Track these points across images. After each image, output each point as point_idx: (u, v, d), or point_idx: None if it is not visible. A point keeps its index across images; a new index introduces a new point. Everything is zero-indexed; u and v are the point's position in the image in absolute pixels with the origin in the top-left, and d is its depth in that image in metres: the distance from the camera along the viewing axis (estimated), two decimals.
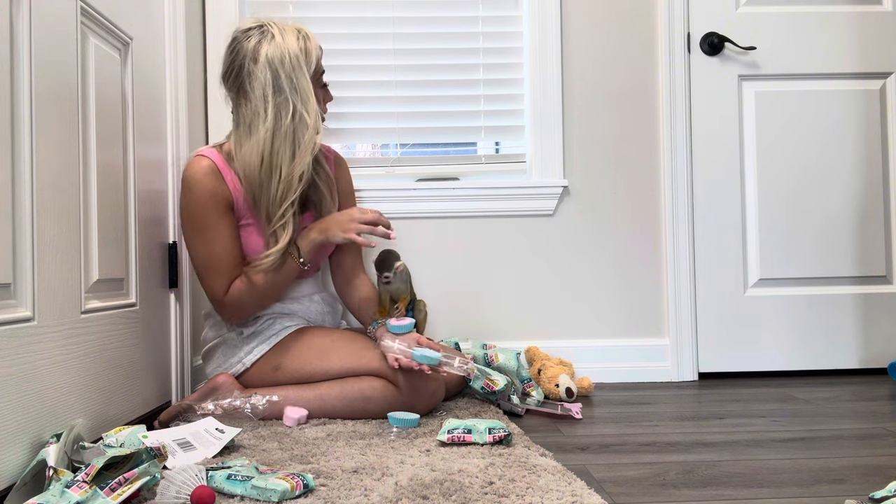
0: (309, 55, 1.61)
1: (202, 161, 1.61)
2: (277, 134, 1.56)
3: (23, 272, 1.11)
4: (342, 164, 1.88)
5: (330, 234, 1.59)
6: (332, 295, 1.88)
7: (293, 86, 1.57)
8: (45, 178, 1.16)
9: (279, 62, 1.57)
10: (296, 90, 1.57)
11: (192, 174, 1.60)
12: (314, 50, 1.63)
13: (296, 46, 1.59)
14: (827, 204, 2.21)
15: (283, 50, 1.57)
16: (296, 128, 1.57)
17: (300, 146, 1.58)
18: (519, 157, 2.24)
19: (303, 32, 1.63)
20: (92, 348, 1.33)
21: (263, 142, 1.56)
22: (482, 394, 1.75)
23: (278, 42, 1.58)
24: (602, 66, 2.20)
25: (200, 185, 1.59)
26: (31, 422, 1.11)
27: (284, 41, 1.59)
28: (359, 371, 1.58)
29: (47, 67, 1.18)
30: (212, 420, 1.38)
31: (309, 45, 1.62)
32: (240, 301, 1.61)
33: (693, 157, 2.19)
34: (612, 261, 2.19)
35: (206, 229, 1.59)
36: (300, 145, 1.58)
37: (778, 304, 2.19)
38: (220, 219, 1.60)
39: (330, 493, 1.05)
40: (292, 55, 1.58)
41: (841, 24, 2.21)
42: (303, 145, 1.58)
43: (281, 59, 1.57)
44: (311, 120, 1.58)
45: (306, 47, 1.61)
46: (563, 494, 1.02)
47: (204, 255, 1.60)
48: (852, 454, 1.31)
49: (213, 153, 1.63)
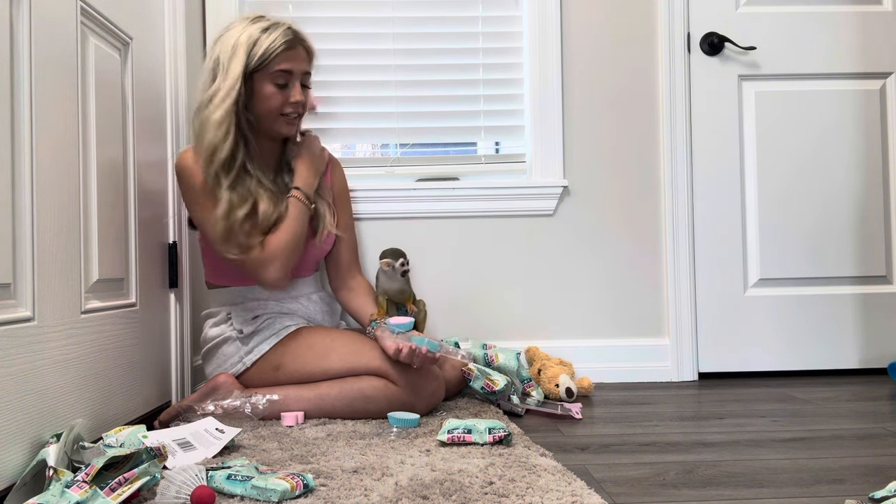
0: (256, 46, 1.60)
1: (187, 152, 1.65)
2: (201, 104, 1.62)
3: (23, 272, 1.11)
4: (336, 165, 1.89)
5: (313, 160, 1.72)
6: (331, 294, 1.88)
7: (222, 66, 1.60)
8: (45, 178, 1.17)
9: (223, 44, 1.62)
10: (222, 72, 1.60)
11: (182, 162, 1.64)
12: (267, 44, 1.60)
13: (246, 35, 1.60)
14: (827, 204, 2.21)
15: (232, 37, 1.61)
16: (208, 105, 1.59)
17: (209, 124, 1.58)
18: (519, 157, 2.24)
19: (272, 27, 1.62)
20: (92, 348, 1.33)
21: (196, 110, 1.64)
22: (482, 394, 1.75)
23: (236, 30, 1.62)
24: (602, 66, 2.20)
25: (187, 172, 1.62)
26: (31, 422, 1.11)
27: (242, 30, 1.62)
28: (359, 370, 1.58)
29: (47, 67, 1.19)
30: (212, 420, 1.38)
31: (263, 37, 1.60)
32: (277, 251, 1.60)
33: (693, 157, 2.19)
34: (612, 261, 2.19)
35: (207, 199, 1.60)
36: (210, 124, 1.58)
37: (778, 304, 2.19)
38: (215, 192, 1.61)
39: (330, 493, 1.05)
40: (237, 42, 1.60)
41: (841, 24, 2.21)
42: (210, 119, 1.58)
43: (227, 43, 1.61)
44: (218, 101, 1.58)
45: (258, 39, 1.60)
46: (563, 494, 1.02)
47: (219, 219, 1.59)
48: (852, 454, 1.31)
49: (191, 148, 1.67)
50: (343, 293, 1.80)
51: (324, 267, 1.90)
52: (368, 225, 2.14)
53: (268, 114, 1.64)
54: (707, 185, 2.19)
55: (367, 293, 1.76)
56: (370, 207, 2.13)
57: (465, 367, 1.76)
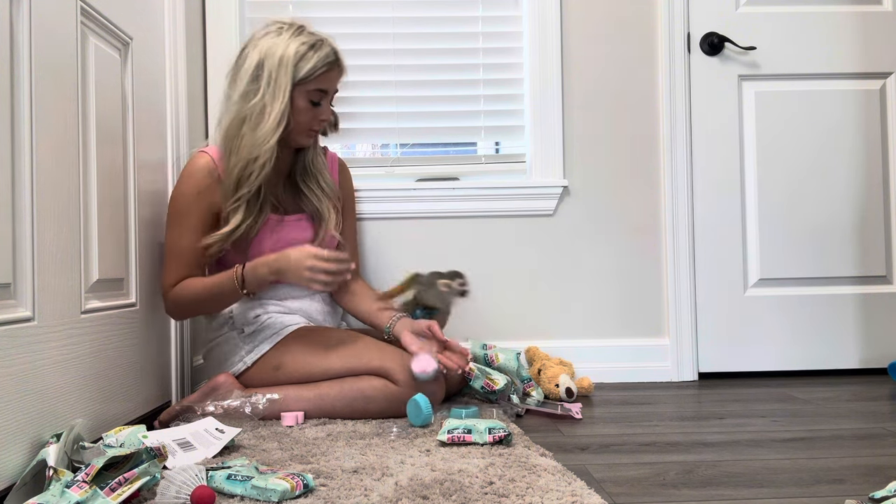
0: (303, 61, 1.60)
1: (202, 158, 1.64)
2: (240, 114, 1.59)
3: (23, 272, 1.11)
4: (344, 169, 1.90)
5: (285, 278, 1.54)
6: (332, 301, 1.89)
7: (270, 80, 1.59)
8: (45, 178, 1.17)
9: (269, 55, 1.60)
10: (269, 85, 1.59)
11: (188, 169, 1.64)
12: (314, 61, 1.60)
13: (293, 49, 1.59)
14: (827, 204, 2.21)
15: (279, 47, 1.59)
16: (257, 116, 1.59)
17: (257, 132, 1.58)
18: (519, 157, 2.24)
19: (315, 42, 1.62)
20: (92, 348, 1.33)
21: (231, 116, 1.61)
22: (482, 393, 1.75)
23: (281, 39, 1.61)
24: (602, 66, 2.20)
25: (192, 180, 1.62)
26: (31, 422, 1.11)
27: (287, 41, 1.60)
28: (359, 370, 1.58)
29: (47, 67, 1.18)
30: (212, 420, 1.38)
31: (311, 54, 1.61)
32: (177, 299, 1.61)
33: (693, 157, 2.19)
34: (612, 261, 2.19)
35: (181, 220, 1.61)
36: (257, 131, 1.58)
37: (778, 304, 2.19)
38: (198, 217, 1.61)
39: (330, 493, 1.05)
40: (285, 55, 1.59)
41: (841, 24, 2.21)
42: (259, 133, 1.58)
43: (272, 53, 1.59)
44: (271, 118, 1.58)
45: (305, 54, 1.60)
46: (563, 494, 1.02)
47: (170, 243, 1.62)
48: (852, 454, 1.31)
49: (213, 149, 1.66)
50: (346, 298, 1.80)
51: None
52: (368, 225, 2.14)
53: (296, 127, 1.65)
54: (707, 184, 2.19)
55: (373, 296, 1.77)
56: (370, 207, 2.13)
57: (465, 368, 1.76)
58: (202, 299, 1.60)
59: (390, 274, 2.08)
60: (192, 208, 1.61)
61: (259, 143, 1.58)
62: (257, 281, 1.56)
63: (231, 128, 1.61)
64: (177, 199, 1.63)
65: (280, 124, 1.59)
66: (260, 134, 1.58)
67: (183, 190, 1.62)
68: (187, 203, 1.61)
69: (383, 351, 1.60)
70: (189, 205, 1.61)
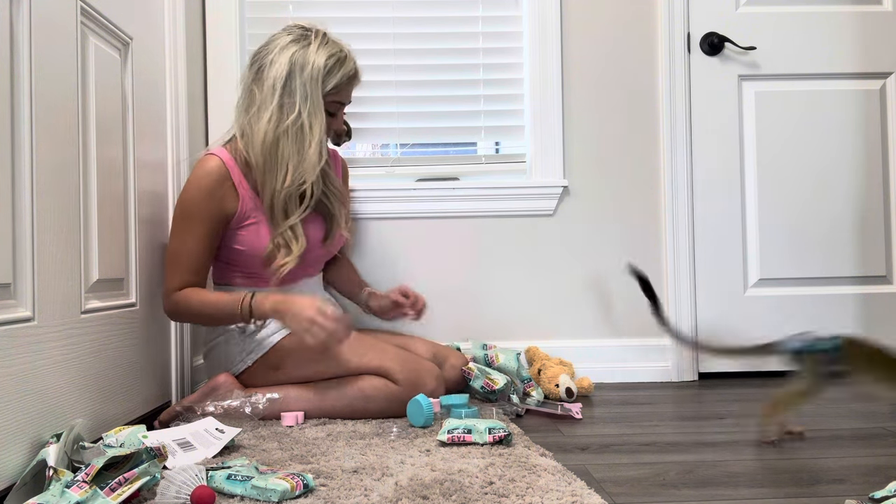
0: (330, 74, 1.61)
1: (212, 161, 1.62)
2: (280, 126, 1.59)
3: (23, 272, 1.11)
4: (346, 169, 1.93)
5: (284, 322, 1.52)
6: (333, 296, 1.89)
7: (305, 93, 1.59)
8: (45, 178, 1.17)
9: (300, 66, 1.60)
10: (306, 99, 1.59)
11: (197, 172, 1.62)
12: (339, 75, 1.63)
13: (322, 61, 1.60)
14: (827, 203, 2.21)
15: (309, 58, 1.60)
16: (297, 132, 1.59)
17: (303, 152, 1.59)
18: (519, 157, 2.24)
19: (341, 56, 1.64)
20: (92, 348, 1.33)
21: (269, 129, 1.59)
22: (482, 393, 1.75)
23: (310, 50, 1.61)
24: (602, 65, 2.20)
25: (201, 184, 1.60)
26: (31, 422, 1.11)
27: (315, 52, 1.61)
28: (359, 370, 1.59)
29: (47, 67, 1.19)
30: (212, 420, 1.38)
31: (336, 68, 1.62)
32: (177, 306, 1.60)
33: (693, 157, 2.19)
34: (613, 260, 2.19)
35: (187, 225, 1.60)
36: (303, 152, 1.59)
37: (778, 304, 2.19)
38: (205, 223, 1.60)
39: (330, 493, 1.05)
40: (315, 67, 1.60)
41: (841, 24, 2.21)
42: (307, 154, 1.59)
43: (303, 65, 1.60)
44: (315, 133, 1.59)
45: (331, 67, 1.62)
46: (563, 494, 1.02)
47: (173, 248, 1.61)
48: (852, 454, 1.31)
49: (223, 152, 1.64)
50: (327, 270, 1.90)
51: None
52: (368, 225, 2.14)
53: None
54: (707, 185, 2.19)
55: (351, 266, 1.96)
56: (370, 207, 2.13)
57: (464, 367, 1.76)
58: (202, 314, 1.59)
59: (390, 273, 2.09)
60: (202, 213, 1.59)
61: (308, 168, 1.59)
62: (260, 314, 1.55)
63: (271, 143, 1.59)
64: (185, 203, 1.61)
65: (323, 143, 1.62)
66: (308, 155, 1.59)
67: (192, 194, 1.60)
68: (196, 207, 1.59)
69: (383, 351, 1.60)
70: (198, 209, 1.59)
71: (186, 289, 1.59)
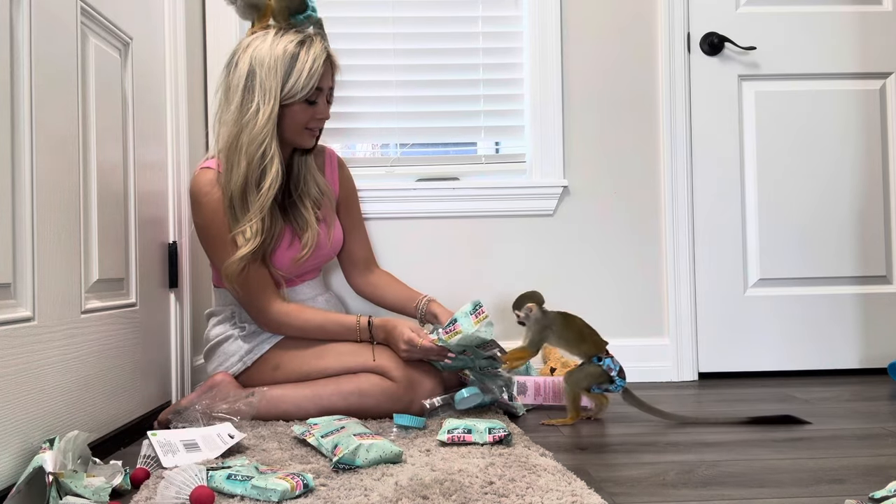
0: (294, 61, 1.57)
1: (207, 173, 1.61)
2: (238, 123, 1.56)
3: (23, 272, 1.11)
4: (343, 167, 1.88)
5: (389, 341, 1.61)
6: (336, 296, 1.89)
7: (264, 88, 1.56)
8: (45, 178, 1.17)
9: (258, 62, 1.56)
10: (263, 90, 1.56)
11: (199, 188, 1.60)
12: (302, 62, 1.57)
13: (281, 50, 1.56)
14: (827, 203, 2.21)
15: (267, 51, 1.56)
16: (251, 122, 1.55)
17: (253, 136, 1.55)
18: (519, 157, 2.24)
19: (306, 40, 1.59)
20: (92, 348, 1.33)
21: (230, 128, 1.58)
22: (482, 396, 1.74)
23: (268, 42, 1.58)
24: (602, 65, 2.20)
25: (210, 196, 1.59)
26: (31, 422, 1.11)
27: (275, 43, 1.57)
28: (356, 369, 1.59)
29: (47, 67, 1.19)
30: (228, 426, 1.36)
31: (301, 53, 1.57)
32: (283, 323, 1.62)
33: (693, 157, 2.19)
34: (612, 261, 2.19)
35: (227, 241, 1.58)
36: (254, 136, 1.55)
37: (778, 304, 2.19)
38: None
39: (330, 493, 1.05)
40: (273, 58, 1.56)
41: (841, 24, 2.21)
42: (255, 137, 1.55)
43: (261, 59, 1.56)
44: (263, 116, 1.55)
45: (296, 54, 1.57)
46: (563, 494, 1.02)
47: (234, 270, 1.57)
48: (852, 454, 1.31)
49: (214, 163, 1.62)
50: (370, 290, 1.87)
51: (326, 269, 1.90)
52: (368, 225, 2.13)
53: (294, 127, 1.63)
54: (707, 185, 2.19)
55: (397, 280, 1.87)
56: (370, 207, 2.13)
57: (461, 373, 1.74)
58: (309, 329, 1.63)
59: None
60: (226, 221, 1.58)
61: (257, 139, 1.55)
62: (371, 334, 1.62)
63: (230, 140, 1.57)
64: (206, 221, 1.59)
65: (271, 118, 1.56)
66: (256, 130, 1.55)
67: (207, 210, 1.59)
68: (218, 218, 1.58)
69: (379, 350, 1.61)
70: (222, 219, 1.58)
71: (281, 308, 1.61)
